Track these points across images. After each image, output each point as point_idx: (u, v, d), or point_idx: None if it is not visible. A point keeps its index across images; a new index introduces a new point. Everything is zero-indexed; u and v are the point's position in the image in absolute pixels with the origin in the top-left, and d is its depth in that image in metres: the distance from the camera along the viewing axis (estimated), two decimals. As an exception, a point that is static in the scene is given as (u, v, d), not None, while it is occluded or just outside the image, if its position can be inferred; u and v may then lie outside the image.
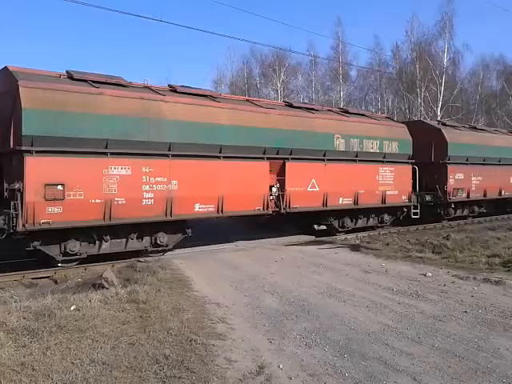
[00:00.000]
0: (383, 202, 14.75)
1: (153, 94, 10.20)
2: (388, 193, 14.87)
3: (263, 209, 11.72)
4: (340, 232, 14.25)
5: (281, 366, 4.67)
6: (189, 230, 10.80)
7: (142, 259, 9.87)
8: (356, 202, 13.89)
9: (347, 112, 15.24)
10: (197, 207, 10.50)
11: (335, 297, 7.22)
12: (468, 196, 18.21)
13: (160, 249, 10.53)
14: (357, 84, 42.82)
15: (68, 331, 5.30)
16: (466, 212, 19.13)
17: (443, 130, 17.74)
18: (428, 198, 17.01)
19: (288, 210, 12.28)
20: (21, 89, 8.32)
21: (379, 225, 15.57)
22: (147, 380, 4.28)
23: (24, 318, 5.61)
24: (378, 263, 9.78)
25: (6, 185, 8.54)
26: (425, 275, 8.59)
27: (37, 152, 8.40)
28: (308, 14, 69.85)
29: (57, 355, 4.68)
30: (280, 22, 75.07)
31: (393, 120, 17.20)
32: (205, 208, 10.64)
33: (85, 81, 9.58)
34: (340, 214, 14.05)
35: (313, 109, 14.03)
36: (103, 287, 7.32)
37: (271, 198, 12.01)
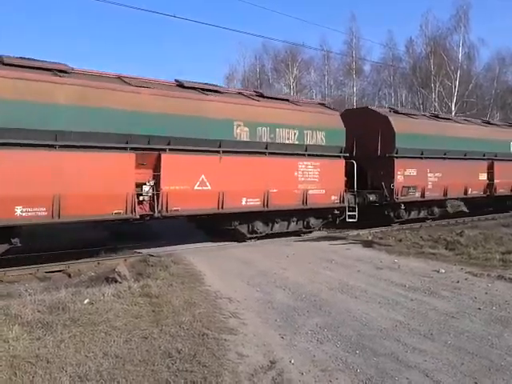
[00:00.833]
0: (304, 202, 12.34)
1: None
2: (311, 192, 12.44)
3: (126, 212, 9.25)
4: (250, 238, 12.10)
5: (292, 362, 4.68)
6: None
7: (154, 254, 9.93)
8: (266, 204, 11.51)
9: (262, 96, 12.55)
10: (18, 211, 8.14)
11: (347, 293, 7.20)
12: (423, 195, 15.59)
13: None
14: (370, 79, 42.63)
15: (81, 324, 5.35)
16: (423, 214, 16.53)
17: (390, 118, 14.95)
18: (372, 197, 14.59)
19: (165, 214, 9.84)
20: None
21: (305, 230, 13.27)
22: (160, 373, 4.31)
23: (38, 311, 5.68)
24: (391, 259, 9.72)
25: None
26: (438, 272, 8.52)
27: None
28: (321, 10, 69.47)
29: (70, 348, 4.74)
30: (293, 17, 74.87)
31: (328, 107, 14.23)
32: (31, 212, 8.27)
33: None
34: (249, 217, 11.74)
35: (212, 90, 11.34)
36: (116, 281, 7.37)
37: (142, 198, 9.65)
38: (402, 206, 15.31)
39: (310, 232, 13.40)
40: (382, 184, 14.61)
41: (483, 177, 18.19)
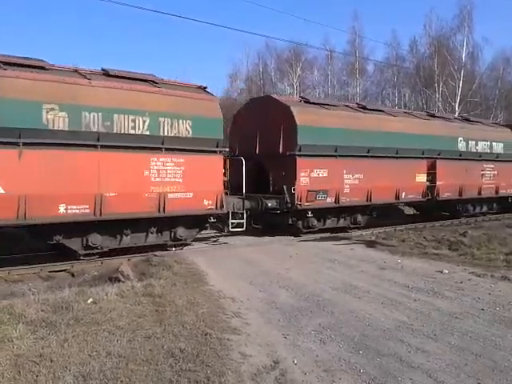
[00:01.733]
0: (161, 209, 9.88)
1: None
2: (172, 196, 10.00)
3: None
4: (87, 256, 9.52)
5: (295, 362, 4.68)
6: None
7: (157, 253, 9.95)
8: (99, 211, 9.06)
9: (108, 75, 9.90)
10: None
11: (350, 293, 7.19)
12: (337, 201, 13.16)
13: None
14: (373, 79, 42.49)
15: (85, 324, 5.37)
16: (343, 222, 14.03)
17: (292, 109, 12.46)
18: (271, 203, 12.34)
19: None
20: None
21: (172, 242, 10.68)
22: (163, 373, 4.32)
23: (42, 311, 5.71)
24: (394, 260, 9.71)
25: None
26: (441, 272, 8.50)
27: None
28: (324, 9, 69.41)
29: (74, 347, 4.75)
30: (296, 17, 74.90)
31: (208, 92, 11.36)
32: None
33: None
34: (80, 229, 9.24)
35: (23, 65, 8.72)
36: (119, 281, 7.40)
37: None
38: (310, 214, 12.96)
39: (181, 245, 10.92)
40: (284, 187, 12.42)
41: (421, 178, 15.60)
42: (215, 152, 10.82)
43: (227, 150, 11.80)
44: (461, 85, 34.10)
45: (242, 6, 75.23)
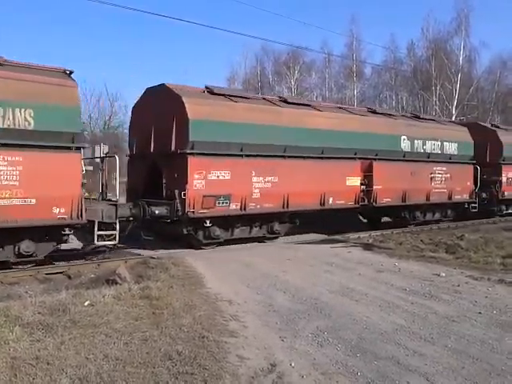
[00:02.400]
0: None
1: None
2: (2, 203, 8.19)
3: None
4: None
5: (293, 365, 4.67)
6: None
7: (154, 256, 9.93)
8: None
9: None
10: None
11: (348, 296, 7.19)
12: (244, 208, 11.40)
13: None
14: (371, 82, 42.66)
15: (82, 326, 5.35)
16: (256, 232, 12.23)
17: (185, 99, 10.80)
18: (159, 211, 10.59)
19: None
20: None
21: (15, 260, 8.83)
22: (160, 376, 4.31)
23: (39, 313, 5.68)
24: (391, 262, 9.71)
25: None
26: (438, 275, 8.51)
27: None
28: (322, 12, 69.61)
29: (71, 350, 4.73)
30: (294, 20, 75.06)
31: (69, 78, 9.38)
32: None
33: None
34: None
35: None
36: (116, 283, 7.39)
37: None
38: (209, 223, 11.05)
39: (29, 263, 9.00)
40: (175, 192, 10.63)
41: (354, 182, 13.71)
42: (69, 148, 8.97)
43: (86, 146, 10.34)
44: (458, 88, 34.29)
45: (240, 9, 75.33)
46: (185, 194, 10.49)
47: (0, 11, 55.02)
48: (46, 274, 8.86)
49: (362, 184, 13.90)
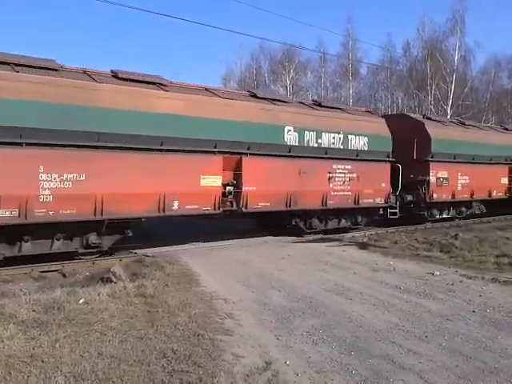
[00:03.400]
0: None
1: None
2: None
3: None
4: None
5: (288, 363, 4.68)
6: None
7: (149, 254, 9.92)
8: None
9: None
10: None
11: (342, 294, 7.21)
12: (25, 215, 8.29)
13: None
14: (366, 81, 42.74)
15: (77, 324, 5.34)
16: (59, 246, 9.16)
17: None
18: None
19: None
20: None
21: None
22: (155, 374, 4.31)
23: (33, 311, 5.67)
24: (386, 261, 9.75)
25: None
26: (432, 274, 8.55)
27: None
28: (318, 11, 69.64)
29: (66, 348, 4.72)
30: (290, 19, 75.04)
31: None
32: None
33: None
34: None
35: None
36: (111, 281, 7.36)
37: None
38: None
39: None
40: None
41: (213, 182, 10.69)
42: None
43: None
44: (453, 88, 34.39)
45: (236, 8, 75.26)
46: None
47: (0, 11, 54.70)
48: (41, 271, 8.83)
49: (226, 185, 11.09)
